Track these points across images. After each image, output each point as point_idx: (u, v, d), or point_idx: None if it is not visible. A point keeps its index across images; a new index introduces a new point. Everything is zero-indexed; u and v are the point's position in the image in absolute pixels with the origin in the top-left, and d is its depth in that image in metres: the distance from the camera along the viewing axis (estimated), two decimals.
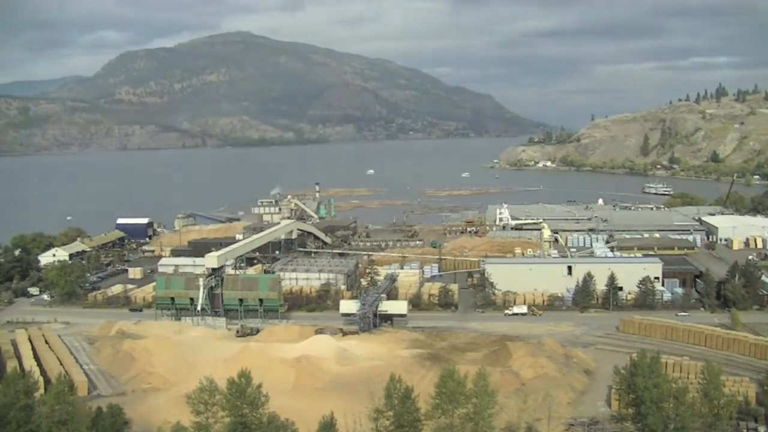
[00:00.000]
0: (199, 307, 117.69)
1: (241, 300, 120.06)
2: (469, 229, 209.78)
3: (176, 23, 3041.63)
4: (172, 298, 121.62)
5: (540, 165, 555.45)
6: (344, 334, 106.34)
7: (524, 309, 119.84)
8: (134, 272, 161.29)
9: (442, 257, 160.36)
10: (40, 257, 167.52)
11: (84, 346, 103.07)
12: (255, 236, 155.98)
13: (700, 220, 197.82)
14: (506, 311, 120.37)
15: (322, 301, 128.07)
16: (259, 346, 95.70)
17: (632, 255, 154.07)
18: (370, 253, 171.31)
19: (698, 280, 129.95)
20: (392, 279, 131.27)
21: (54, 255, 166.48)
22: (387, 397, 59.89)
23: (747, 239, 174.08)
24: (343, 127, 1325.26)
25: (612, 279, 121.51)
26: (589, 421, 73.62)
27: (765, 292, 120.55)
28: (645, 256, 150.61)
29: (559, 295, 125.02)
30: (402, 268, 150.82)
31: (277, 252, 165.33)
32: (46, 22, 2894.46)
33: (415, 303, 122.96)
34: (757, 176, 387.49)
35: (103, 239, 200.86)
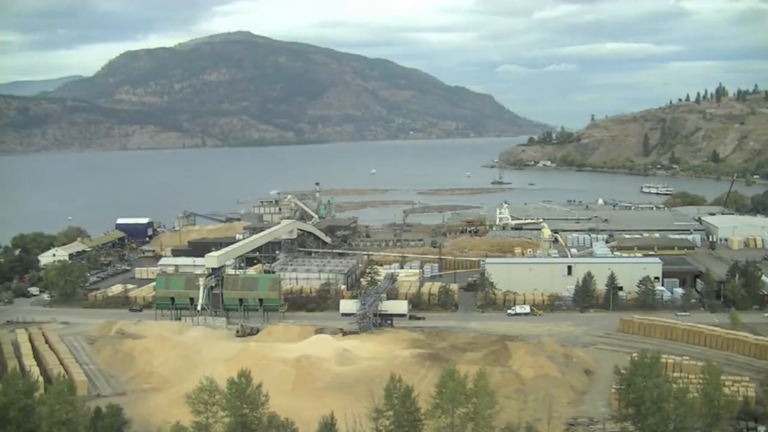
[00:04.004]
0: (199, 307, 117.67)
1: (241, 300, 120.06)
2: (469, 228, 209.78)
3: (176, 23, 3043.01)
4: (172, 298, 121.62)
5: (540, 165, 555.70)
6: (344, 334, 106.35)
7: (527, 309, 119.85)
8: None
9: (442, 257, 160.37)
10: (40, 257, 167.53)
11: (84, 346, 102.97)
12: (255, 236, 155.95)
13: (700, 220, 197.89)
14: (509, 311, 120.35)
15: (322, 301, 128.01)
16: (259, 346, 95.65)
17: (632, 255, 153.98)
18: (370, 253, 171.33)
19: (698, 280, 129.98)
20: (392, 279, 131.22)
21: (54, 255, 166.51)
22: (387, 397, 59.94)
23: (747, 239, 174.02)
24: (343, 127, 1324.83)
25: (612, 279, 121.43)
26: (589, 421, 73.65)
27: (765, 292, 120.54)
28: (645, 256, 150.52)
29: (560, 295, 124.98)
30: (402, 268, 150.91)
31: (277, 252, 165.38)
32: (46, 21, 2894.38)
33: (415, 303, 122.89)
34: (757, 176, 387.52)
35: (103, 239, 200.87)
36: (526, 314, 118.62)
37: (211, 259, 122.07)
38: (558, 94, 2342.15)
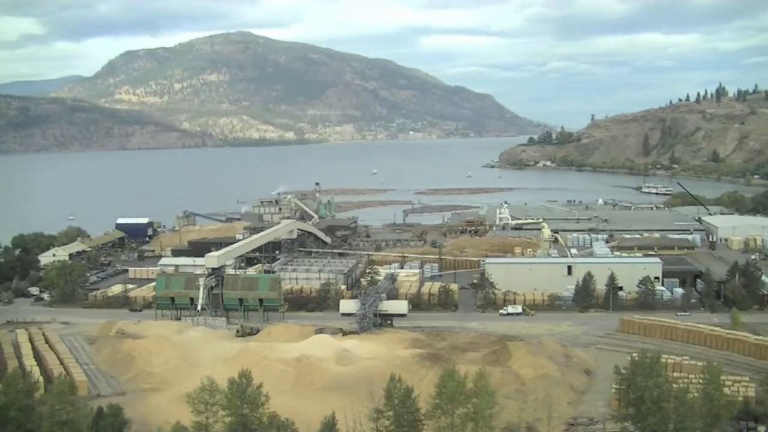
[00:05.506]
0: (199, 307, 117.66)
1: (241, 300, 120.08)
2: (469, 228, 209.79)
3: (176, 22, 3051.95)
4: (172, 298, 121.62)
5: (540, 165, 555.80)
6: (344, 334, 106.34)
7: (519, 309, 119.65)
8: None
9: (442, 257, 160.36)
10: (40, 257, 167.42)
11: (84, 346, 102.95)
12: (255, 236, 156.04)
13: (700, 220, 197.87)
14: (501, 311, 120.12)
15: (322, 301, 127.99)
16: (259, 346, 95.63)
17: (632, 255, 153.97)
18: (370, 253, 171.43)
19: (698, 280, 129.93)
20: (392, 279, 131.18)
21: (54, 255, 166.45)
22: (387, 397, 59.93)
23: (747, 239, 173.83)
24: (343, 127, 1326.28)
25: (612, 279, 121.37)
26: (589, 421, 73.65)
27: (765, 292, 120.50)
28: (645, 256, 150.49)
29: (560, 295, 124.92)
30: (402, 267, 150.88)
31: (277, 252, 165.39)
32: (46, 20, 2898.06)
33: (415, 303, 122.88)
34: (757, 176, 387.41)
35: (103, 239, 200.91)
36: (518, 314, 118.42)
37: (211, 259, 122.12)
38: (558, 94, 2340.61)
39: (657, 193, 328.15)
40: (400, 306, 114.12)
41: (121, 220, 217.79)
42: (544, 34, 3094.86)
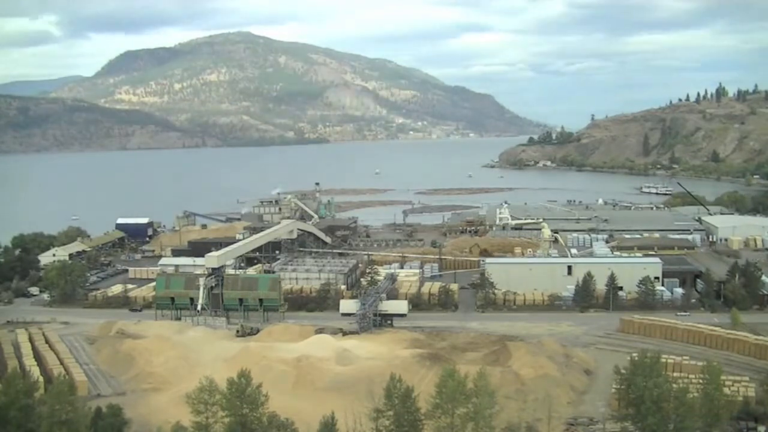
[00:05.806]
0: (199, 307, 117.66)
1: (241, 300, 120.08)
2: (469, 228, 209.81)
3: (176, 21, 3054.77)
4: (172, 298, 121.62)
5: (540, 165, 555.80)
6: (344, 334, 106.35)
7: None
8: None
9: (442, 257, 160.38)
10: (40, 257, 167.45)
11: (84, 346, 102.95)
12: (255, 236, 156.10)
13: (700, 220, 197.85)
14: None
15: (322, 301, 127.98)
16: (258, 346, 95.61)
17: (632, 255, 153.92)
18: (370, 253, 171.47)
19: (698, 280, 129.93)
20: (392, 279, 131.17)
21: (54, 255, 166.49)
22: (387, 397, 59.95)
23: (746, 239, 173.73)
24: (343, 127, 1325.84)
25: (612, 279, 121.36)
26: (589, 421, 73.67)
27: (765, 292, 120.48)
28: (645, 256, 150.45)
29: (560, 295, 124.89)
30: (402, 267, 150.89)
31: (277, 252, 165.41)
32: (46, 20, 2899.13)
33: (415, 303, 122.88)
34: (757, 176, 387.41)
35: (103, 239, 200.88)
36: None
37: (211, 259, 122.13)
38: (558, 94, 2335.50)
39: (657, 193, 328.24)
40: (400, 306, 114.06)
41: (121, 220, 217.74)
42: (593, 32, 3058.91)
